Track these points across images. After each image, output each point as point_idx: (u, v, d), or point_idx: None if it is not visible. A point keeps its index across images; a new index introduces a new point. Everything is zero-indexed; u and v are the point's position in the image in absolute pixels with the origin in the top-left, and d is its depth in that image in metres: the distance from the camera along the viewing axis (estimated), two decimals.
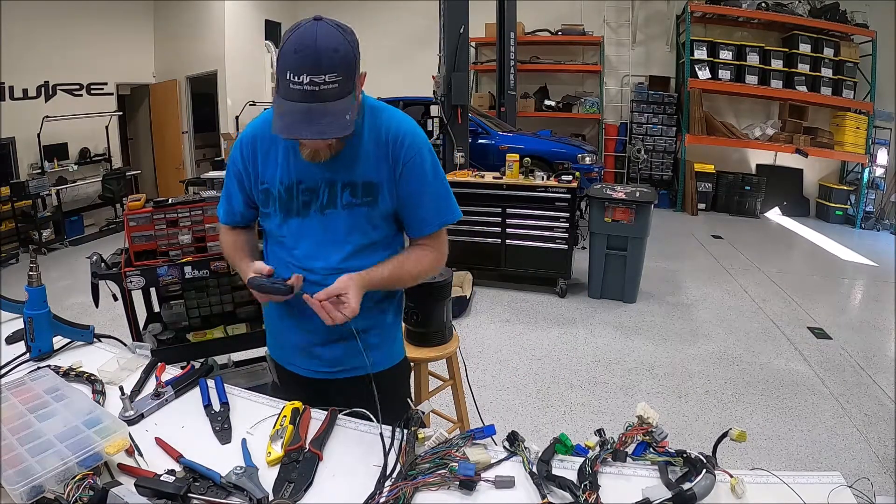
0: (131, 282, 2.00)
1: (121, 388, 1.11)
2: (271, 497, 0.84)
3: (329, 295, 1.10)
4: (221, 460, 0.90)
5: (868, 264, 5.87)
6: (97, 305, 2.01)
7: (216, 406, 1.10)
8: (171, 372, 1.24)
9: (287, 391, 1.33)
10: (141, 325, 2.31)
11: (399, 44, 8.95)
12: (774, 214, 7.99)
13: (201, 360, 2.34)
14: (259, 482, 0.85)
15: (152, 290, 2.45)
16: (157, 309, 2.47)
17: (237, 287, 2.48)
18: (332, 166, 1.19)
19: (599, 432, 0.98)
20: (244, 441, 0.97)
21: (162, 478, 0.85)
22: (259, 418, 1.05)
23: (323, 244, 1.23)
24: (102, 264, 2.05)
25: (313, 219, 1.22)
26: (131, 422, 1.02)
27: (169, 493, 0.81)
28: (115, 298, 2.04)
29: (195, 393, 1.15)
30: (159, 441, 0.97)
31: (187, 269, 2.07)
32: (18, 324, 1.34)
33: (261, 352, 2.67)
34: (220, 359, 2.65)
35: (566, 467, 0.91)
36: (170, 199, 2.12)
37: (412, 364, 2.04)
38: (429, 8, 7.10)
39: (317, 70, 0.99)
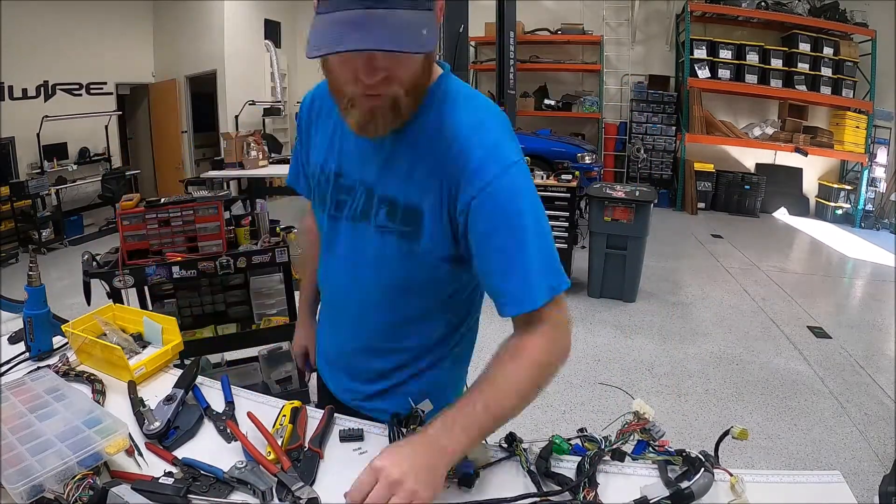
0: (120, 280, 2.02)
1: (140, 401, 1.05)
2: (275, 493, 0.84)
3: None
4: (221, 460, 0.90)
5: (868, 263, 5.87)
6: (89, 303, 2.03)
7: (219, 407, 1.09)
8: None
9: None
10: None
11: None
12: (781, 214, 7.99)
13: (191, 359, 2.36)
14: (262, 475, 0.85)
15: (146, 289, 2.47)
16: (150, 307, 2.49)
17: (229, 287, 2.49)
18: (373, 167, 0.87)
19: (582, 430, 0.97)
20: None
21: (160, 480, 0.84)
22: (262, 417, 1.05)
23: (352, 262, 0.94)
24: (94, 263, 2.07)
25: (343, 225, 0.94)
26: (161, 436, 0.96)
27: (168, 494, 0.81)
28: (110, 296, 2.06)
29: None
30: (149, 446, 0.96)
31: (175, 268, 2.08)
32: (19, 324, 1.34)
33: (252, 352, 2.67)
34: (214, 358, 2.66)
35: (565, 466, 0.91)
36: (162, 199, 2.14)
37: None
38: None
39: None
